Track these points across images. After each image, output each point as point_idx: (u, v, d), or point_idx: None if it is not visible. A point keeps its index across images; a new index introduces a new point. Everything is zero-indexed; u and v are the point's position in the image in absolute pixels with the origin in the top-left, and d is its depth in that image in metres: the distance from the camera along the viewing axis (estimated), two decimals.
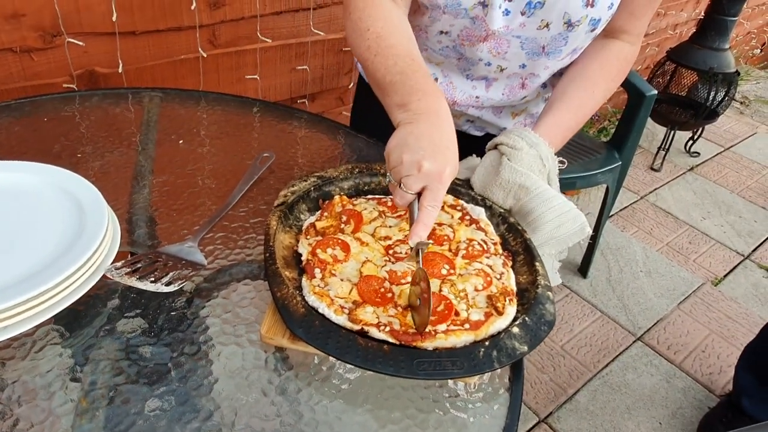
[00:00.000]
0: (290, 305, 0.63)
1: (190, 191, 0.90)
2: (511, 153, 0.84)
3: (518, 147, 0.84)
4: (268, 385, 0.63)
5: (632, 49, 0.96)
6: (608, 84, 0.95)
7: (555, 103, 0.93)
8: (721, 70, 2.85)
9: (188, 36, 1.46)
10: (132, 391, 0.60)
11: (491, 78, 1.00)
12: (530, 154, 0.84)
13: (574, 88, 0.93)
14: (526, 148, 0.83)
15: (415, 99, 0.74)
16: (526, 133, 0.86)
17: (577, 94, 0.92)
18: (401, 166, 0.70)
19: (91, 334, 0.66)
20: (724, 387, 1.95)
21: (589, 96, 0.93)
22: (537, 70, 0.96)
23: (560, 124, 0.91)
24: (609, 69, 0.94)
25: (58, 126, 1.01)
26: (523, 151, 0.83)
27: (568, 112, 0.91)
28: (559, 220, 0.84)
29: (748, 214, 2.94)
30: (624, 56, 0.95)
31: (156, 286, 0.68)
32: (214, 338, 0.67)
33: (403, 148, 0.71)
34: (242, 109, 1.15)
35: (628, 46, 0.95)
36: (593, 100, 0.93)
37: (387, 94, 0.78)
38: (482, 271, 0.72)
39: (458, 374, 0.59)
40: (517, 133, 0.86)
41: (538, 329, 0.64)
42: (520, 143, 0.84)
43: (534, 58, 0.94)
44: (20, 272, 0.64)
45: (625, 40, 0.95)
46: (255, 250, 0.81)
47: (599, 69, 0.94)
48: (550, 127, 0.90)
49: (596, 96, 0.93)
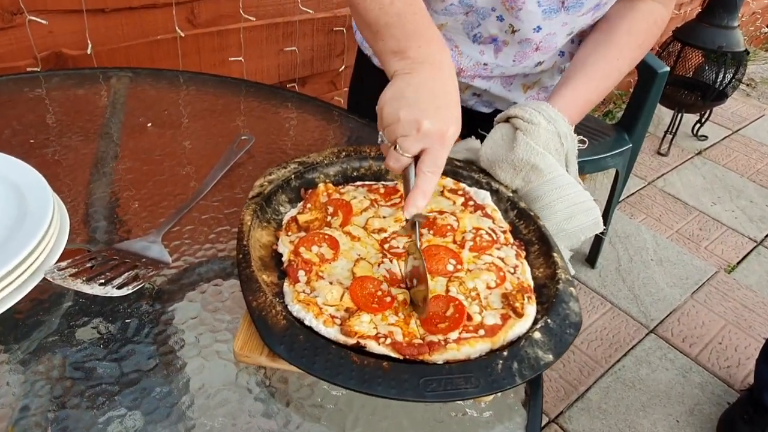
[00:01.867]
0: (269, 317, 0.52)
1: (157, 179, 0.79)
2: (528, 128, 0.73)
3: (535, 122, 0.73)
4: (238, 408, 0.53)
5: (664, 11, 0.85)
6: (634, 52, 0.84)
7: (574, 73, 0.82)
8: (730, 48, 2.75)
9: (164, 14, 1.35)
10: (74, 418, 0.50)
11: (501, 41, 0.87)
12: (548, 131, 0.73)
13: (597, 56, 0.82)
14: (544, 124, 0.73)
15: (415, 45, 0.64)
16: (544, 107, 0.75)
17: (600, 64, 0.82)
18: (397, 125, 0.61)
19: (28, 348, 0.55)
20: (744, 381, 1.86)
21: (613, 66, 0.82)
22: (553, 29, 0.85)
23: (579, 98, 0.80)
24: (636, 34, 0.83)
25: (12, 108, 0.90)
26: (541, 127, 0.72)
27: (589, 84, 0.81)
28: (570, 211, 0.73)
29: (759, 199, 2.85)
30: (654, 19, 0.84)
31: (105, 290, 0.57)
32: (177, 351, 0.57)
33: (399, 102, 0.62)
34: (221, 89, 1.04)
35: (659, 7, 0.84)
36: (617, 71, 0.83)
37: (381, 38, 0.67)
38: (493, 265, 0.61)
39: (474, 394, 0.48)
40: (533, 106, 0.75)
41: (563, 333, 0.53)
42: (537, 117, 0.73)
43: (551, 15, 0.82)
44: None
45: (657, 0, 0.84)
46: (228, 245, 0.70)
47: (626, 34, 0.83)
48: (568, 100, 0.79)
49: (621, 66, 0.83)
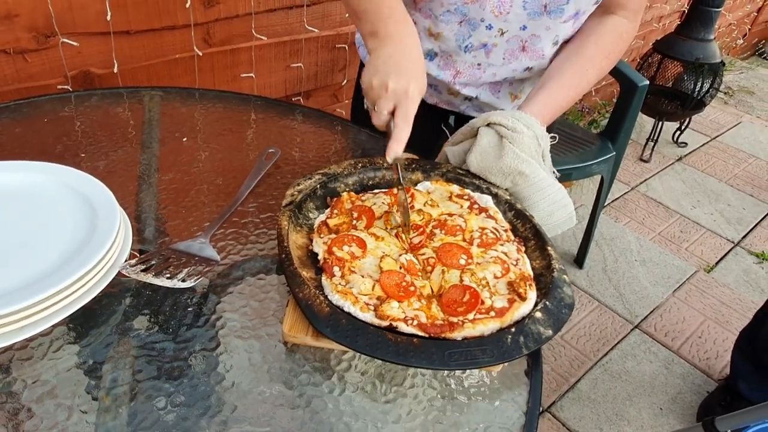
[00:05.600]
0: (314, 305, 0.62)
1: (197, 188, 0.89)
2: (512, 136, 0.84)
3: (518, 129, 0.84)
4: (291, 378, 0.63)
5: (629, 25, 0.96)
6: (602, 62, 0.96)
7: (549, 80, 0.94)
8: (706, 60, 2.89)
9: (183, 35, 1.45)
10: (154, 387, 0.60)
11: (491, 45, 0.99)
12: (529, 136, 0.85)
13: (568, 65, 0.94)
14: (525, 130, 0.84)
15: (383, 25, 0.82)
16: (521, 115, 0.87)
17: (571, 73, 0.94)
18: (372, 90, 0.78)
19: (108, 332, 0.65)
20: (722, 371, 1.98)
21: (582, 75, 0.95)
22: (538, 31, 0.96)
23: (551, 104, 0.92)
24: (604, 45, 0.95)
25: (59, 127, 1.00)
26: (524, 134, 0.84)
27: (561, 91, 0.93)
28: (551, 209, 0.85)
29: (736, 202, 2.99)
30: (620, 32, 0.96)
31: (173, 282, 0.67)
32: (232, 333, 0.67)
33: (372, 73, 0.79)
34: (243, 105, 1.15)
35: (625, 22, 0.96)
36: (586, 80, 0.95)
37: (361, 21, 0.85)
38: (499, 258, 0.72)
39: (489, 362, 0.59)
40: (512, 114, 0.87)
41: (559, 312, 0.64)
42: (519, 125, 0.84)
43: (535, 18, 0.94)
44: (34, 273, 0.63)
45: (623, 16, 0.95)
46: (267, 245, 0.80)
47: (594, 45, 0.95)
48: (543, 104, 0.91)
49: (589, 75, 0.95)
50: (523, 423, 0.62)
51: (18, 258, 0.65)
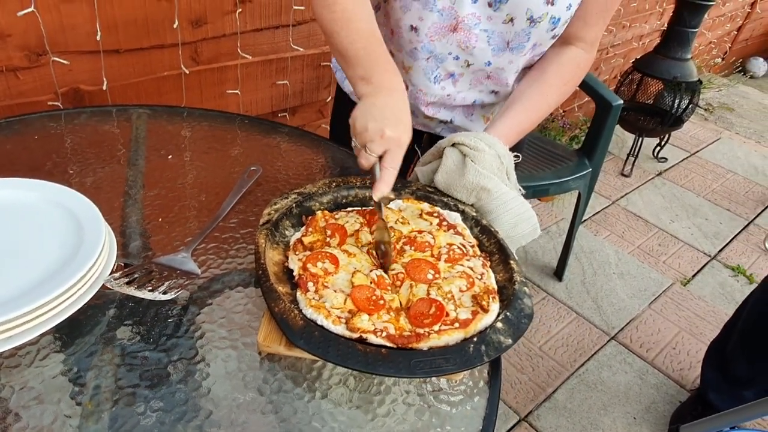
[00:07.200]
0: (289, 319, 0.66)
1: (181, 204, 0.94)
2: (474, 155, 0.90)
3: (480, 148, 0.90)
4: (264, 385, 0.67)
5: (586, 56, 1.04)
6: (561, 88, 1.04)
7: (513, 104, 1.01)
8: (684, 79, 2.98)
9: (171, 53, 1.50)
10: (134, 394, 0.64)
11: (458, 74, 1.07)
12: (490, 155, 0.91)
13: (531, 91, 1.02)
14: (487, 149, 0.90)
15: (377, 74, 0.87)
16: (484, 135, 0.93)
17: (534, 98, 1.01)
18: (366, 133, 0.82)
19: (92, 342, 0.69)
20: (694, 381, 2.04)
21: (544, 99, 1.02)
22: (502, 64, 1.04)
23: (514, 126, 0.99)
24: (563, 73, 1.03)
25: (48, 143, 1.04)
26: (486, 153, 0.90)
27: (523, 114, 1.00)
28: (515, 221, 0.91)
29: (713, 217, 3.07)
30: (578, 62, 1.04)
31: (154, 295, 0.71)
32: (210, 343, 0.71)
33: (367, 117, 0.83)
34: (227, 124, 1.19)
35: (582, 53, 1.04)
36: (547, 104, 1.03)
37: (351, 65, 0.89)
38: (465, 273, 0.77)
39: (453, 370, 0.63)
40: (475, 135, 0.93)
41: (519, 322, 0.69)
42: (480, 144, 0.91)
43: (499, 53, 1.02)
44: (23, 285, 0.67)
45: (580, 47, 1.03)
46: (246, 259, 0.85)
47: (554, 73, 1.03)
48: (506, 127, 0.98)
49: (549, 99, 1.03)
50: (480, 429, 0.67)
51: (7, 270, 0.69)
